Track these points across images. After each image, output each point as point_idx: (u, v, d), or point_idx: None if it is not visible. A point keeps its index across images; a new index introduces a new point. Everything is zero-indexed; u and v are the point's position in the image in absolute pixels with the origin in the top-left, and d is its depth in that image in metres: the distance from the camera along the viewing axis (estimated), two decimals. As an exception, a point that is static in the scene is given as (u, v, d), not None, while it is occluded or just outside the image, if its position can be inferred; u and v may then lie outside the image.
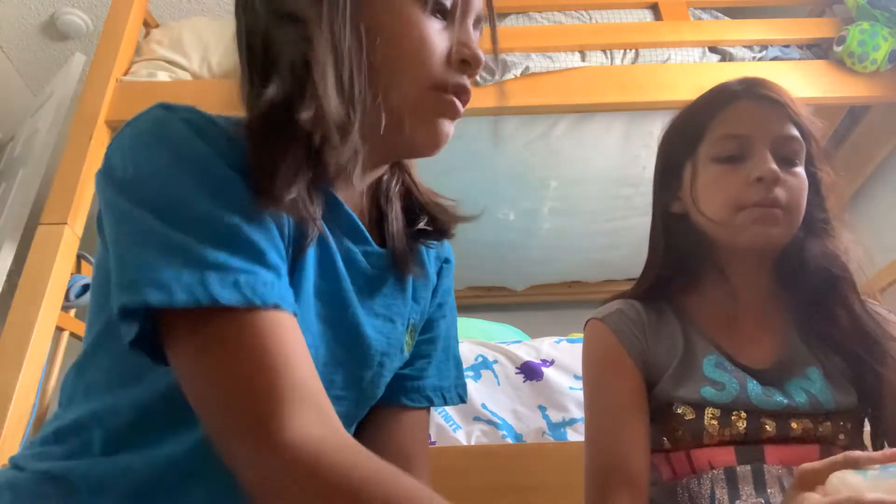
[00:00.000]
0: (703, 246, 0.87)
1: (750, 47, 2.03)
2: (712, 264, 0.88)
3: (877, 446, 0.80)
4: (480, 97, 1.89)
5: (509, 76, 1.87)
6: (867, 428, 0.84)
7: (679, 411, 0.79)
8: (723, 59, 2.01)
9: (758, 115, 0.84)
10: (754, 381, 0.80)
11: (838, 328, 0.83)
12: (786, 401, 0.78)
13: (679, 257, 0.89)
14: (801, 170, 0.84)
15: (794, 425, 0.77)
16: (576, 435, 1.33)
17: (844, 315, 0.83)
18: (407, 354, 0.69)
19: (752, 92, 0.86)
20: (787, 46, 2.06)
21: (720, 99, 0.87)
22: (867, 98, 1.92)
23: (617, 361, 0.83)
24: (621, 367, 0.83)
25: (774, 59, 2.02)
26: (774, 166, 0.80)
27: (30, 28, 2.60)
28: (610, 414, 0.82)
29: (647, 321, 0.86)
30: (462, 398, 0.74)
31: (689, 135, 0.88)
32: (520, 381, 1.42)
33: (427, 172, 0.72)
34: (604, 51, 2.00)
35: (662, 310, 0.87)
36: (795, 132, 0.84)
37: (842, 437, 0.78)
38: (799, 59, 2.02)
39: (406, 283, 0.68)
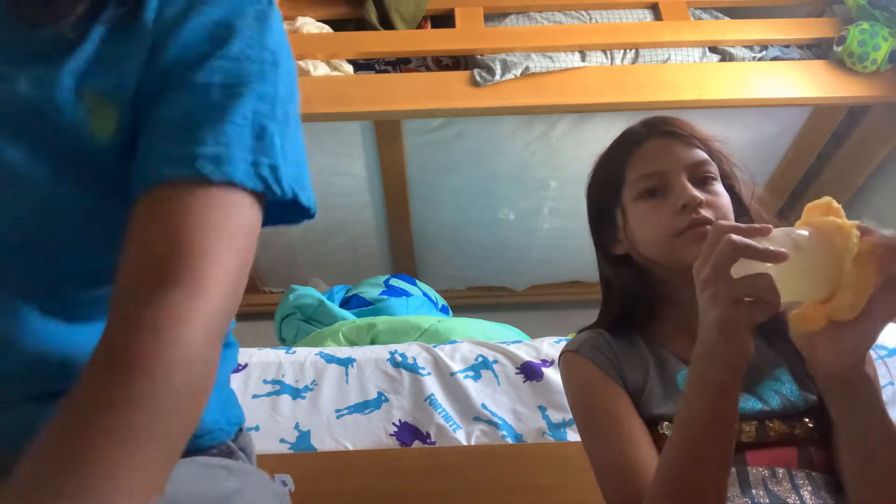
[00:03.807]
0: (649, 278, 0.91)
1: (750, 47, 2.03)
2: (663, 292, 0.91)
3: (828, 443, 0.79)
4: (480, 97, 1.92)
5: (509, 76, 1.87)
6: None
7: (662, 431, 0.81)
8: (723, 59, 2.01)
9: (667, 150, 0.89)
10: None
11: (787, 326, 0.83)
12: (759, 405, 0.80)
13: (633, 293, 0.92)
14: (719, 187, 0.88)
15: (770, 427, 0.79)
16: (576, 435, 1.32)
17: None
18: (93, 127, 0.53)
19: (656, 130, 0.92)
20: (787, 46, 2.06)
21: (629, 144, 0.93)
22: (867, 98, 1.92)
23: (601, 382, 0.86)
24: (607, 386, 0.85)
25: (774, 59, 2.02)
26: (695, 192, 0.85)
27: (30, 28, 2.60)
28: (610, 425, 0.83)
29: (618, 347, 0.88)
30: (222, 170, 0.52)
31: (610, 181, 0.93)
32: (520, 381, 1.42)
33: (428, 172, 0.72)
34: (604, 51, 2.00)
35: (630, 337, 0.90)
36: (704, 156, 0.89)
37: (818, 432, 0.78)
38: (799, 59, 2.02)
39: (57, 40, 0.55)
